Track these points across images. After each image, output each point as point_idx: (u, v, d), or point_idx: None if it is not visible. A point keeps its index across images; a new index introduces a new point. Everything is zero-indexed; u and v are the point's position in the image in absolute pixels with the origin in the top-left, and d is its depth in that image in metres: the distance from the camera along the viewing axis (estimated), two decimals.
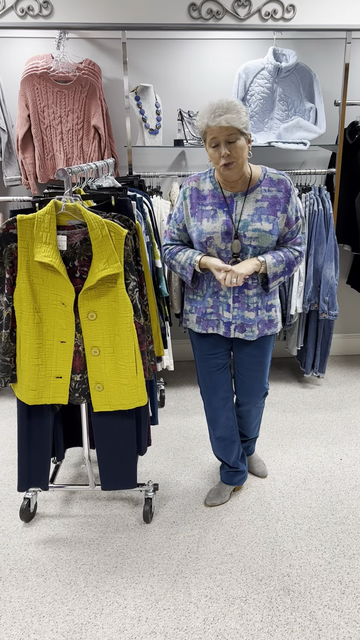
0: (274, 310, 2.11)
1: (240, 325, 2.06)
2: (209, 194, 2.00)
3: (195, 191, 2.03)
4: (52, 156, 3.24)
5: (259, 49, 3.35)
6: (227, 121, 1.79)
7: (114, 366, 1.95)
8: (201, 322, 2.11)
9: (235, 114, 1.81)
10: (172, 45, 3.33)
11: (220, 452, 2.35)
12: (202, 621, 1.80)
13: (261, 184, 1.97)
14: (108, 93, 3.36)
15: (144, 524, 2.27)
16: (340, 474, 2.59)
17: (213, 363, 2.17)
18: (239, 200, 1.96)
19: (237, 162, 1.87)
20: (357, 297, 3.97)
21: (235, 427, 2.30)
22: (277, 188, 1.96)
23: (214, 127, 1.82)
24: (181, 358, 4.02)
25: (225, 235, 1.95)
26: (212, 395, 2.22)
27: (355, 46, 3.39)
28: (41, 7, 2.92)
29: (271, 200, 1.95)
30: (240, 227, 1.94)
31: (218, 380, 2.19)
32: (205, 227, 1.97)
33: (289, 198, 1.97)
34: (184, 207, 2.05)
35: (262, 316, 2.07)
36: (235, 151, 1.85)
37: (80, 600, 1.89)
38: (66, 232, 1.87)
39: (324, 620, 1.79)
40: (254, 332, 2.07)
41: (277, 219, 1.96)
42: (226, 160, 1.85)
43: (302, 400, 3.38)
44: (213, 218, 1.97)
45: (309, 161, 3.61)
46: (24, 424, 2.07)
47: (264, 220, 1.94)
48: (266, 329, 2.10)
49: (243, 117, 1.83)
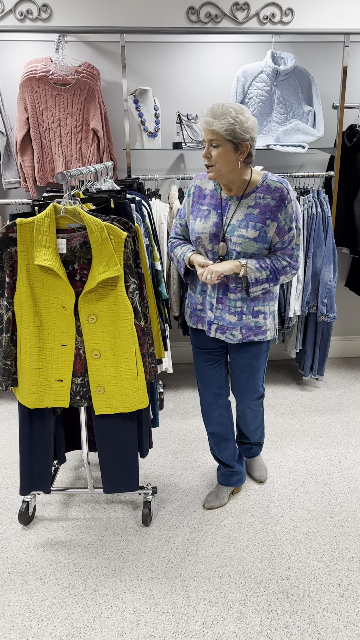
0: (262, 317, 2.08)
1: (222, 327, 2.08)
2: (209, 194, 2.05)
3: (198, 189, 2.08)
4: (51, 159, 3.24)
5: (258, 53, 3.36)
6: (206, 123, 1.83)
7: (115, 369, 1.95)
8: (192, 317, 2.18)
9: (220, 119, 1.80)
10: (170, 49, 3.34)
11: (213, 446, 2.36)
12: (201, 625, 1.80)
13: (257, 191, 1.96)
14: (107, 96, 3.37)
15: (143, 527, 2.26)
16: (339, 477, 2.59)
17: (206, 357, 2.22)
18: (232, 205, 1.98)
19: (215, 167, 1.88)
20: (356, 300, 3.98)
21: (229, 426, 2.31)
22: (271, 196, 1.94)
23: (203, 126, 1.86)
24: (180, 361, 4.02)
25: (213, 237, 1.99)
26: (205, 390, 2.26)
27: (354, 49, 3.40)
28: (40, 10, 2.93)
29: (263, 207, 1.94)
30: (228, 230, 1.97)
31: (210, 375, 2.23)
32: (196, 226, 2.03)
33: (283, 207, 1.93)
34: (187, 203, 2.11)
35: (247, 321, 2.06)
36: (215, 156, 1.86)
37: (79, 604, 1.89)
38: (66, 236, 1.87)
39: (323, 624, 1.79)
40: (234, 336, 2.07)
41: (266, 227, 1.94)
42: (206, 162, 1.89)
43: (300, 402, 3.39)
44: (205, 218, 2.01)
45: (308, 164, 3.62)
46: (25, 427, 2.07)
47: (250, 228, 1.94)
48: (252, 335, 2.08)
49: (227, 124, 1.79)
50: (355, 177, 3.34)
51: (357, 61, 3.44)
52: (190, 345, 3.97)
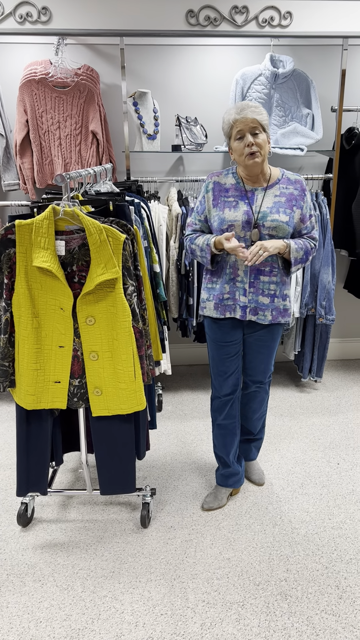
0: (288, 300, 2.23)
1: (254, 308, 2.17)
2: (231, 187, 2.14)
3: (217, 185, 2.16)
4: (51, 161, 3.25)
5: (257, 55, 3.37)
6: (252, 114, 1.99)
7: (113, 371, 1.95)
8: (219, 308, 2.21)
9: (258, 110, 2.01)
10: (170, 52, 3.35)
11: (219, 443, 2.38)
12: (199, 626, 1.80)
13: (280, 182, 2.14)
14: (106, 98, 3.37)
15: (142, 529, 2.27)
16: (338, 479, 2.59)
17: (226, 351, 2.27)
18: (259, 194, 2.11)
19: (260, 152, 2.02)
20: (354, 302, 3.99)
21: (237, 419, 2.37)
22: (294, 186, 2.14)
23: (240, 119, 1.99)
24: (179, 362, 4.02)
25: (245, 224, 2.08)
26: (223, 382, 2.31)
27: (352, 53, 3.42)
28: (40, 13, 2.93)
29: (288, 196, 2.12)
30: (259, 217, 2.08)
31: (230, 367, 2.29)
32: (227, 215, 2.10)
33: (304, 196, 2.14)
34: (205, 199, 2.18)
35: (277, 304, 2.18)
36: (258, 142, 2.01)
37: (78, 606, 1.89)
38: (64, 237, 1.87)
39: (321, 625, 1.79)
40: (266, 317, 2.18)
41: (293, 213, 2.11)
42: (251, 150, 2.00)
43: (299, 404, 3.39)
44: (235, 208, 2.09)
45: (306, 167, 3.63)
46: (22, 428, 2.07)
47: (281, 213, 2.09)
48: (280, 317, 2.21)
49: (264, 116, 2.03)
50: (353, 179, 3.35)
51: (356, 64, 3.45)
52: (188, 347, 3.97)
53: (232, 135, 2.04)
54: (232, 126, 2.02)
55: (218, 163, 3.57)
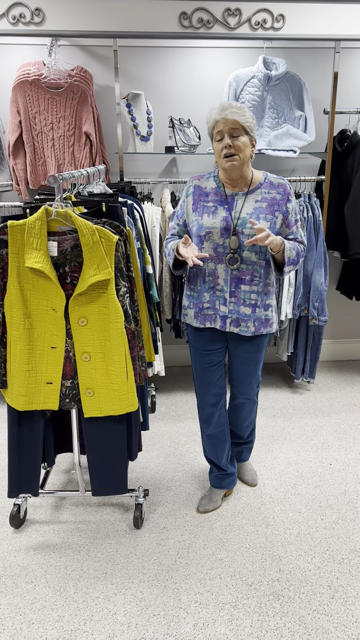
0: (270, 310, 2.16)
1: (236, 319, 2.11)
2: (211, 191, 2.08)
3: (197, 189, 2.11)
4: (44, 162, 3.24)
5: (249, 58, 3.39)
6: (232, 115, 1.92)
7: (105, 372, 1.95)
8: (199, 317, 2.17)
9: (240, 111, 1.94)
10: (163, 53, 3.36)
11: (210, 452, 2.36)
12: (192, 627, 1.80)
13: (261, 187, 2.06)
14: (99, 100, 3.38)
15: (134, 530, 2.26)
16: (330, 479, 2.60)
17: (208, 360, 2.22)
18: (239, 199, 2.05)
19: (238, 156, 1.95)
20: (347, 303, 4.01)
21: (226, 426, 2.33)
22: (276, 190, 2.06)
23: (221, 119, 1.93)
24: (172, 364, 4.02)
25: (224, 230, 2.02)
26: (206, 392, 2.26)
27: (344, 55, 3.44)
28: (33, 14, 2.93)
29: (270, 201, 2.05)
30: (238, 224, 2.02)
31: (212, 377, 2.24)
32: (205, 221, 2.04)
33: (288, 201, 2.07)
34: (185, 203, 2.13)
35: (259, 314, 2.12)
36: (237, 145, 1.94)
37: (70, 607, 1.88)
38: (57, 238, 1.87)
39: (313, 625, 1.80)
40: (249, 328, 2.12)
41: (275, 218, 2.04)
42: (228, 151, 1.94)
43: (292, 405, 3.40)
44: (213, 214, 2.04)
45: (299, 168, 3.64)
46: (14, 429, 2.07)
47: (261, 219, 2.02)
48: (262, 328, 2.15)
49: (248, 117, 1.95)
50: (346, 181, 3.36)
51: (348, 67, 3.47)
52: (182, 348, 3.97)
53: (213, 136, 1.99)
54: (213, 126, 1.98)
55: (211, 165, 3.58)
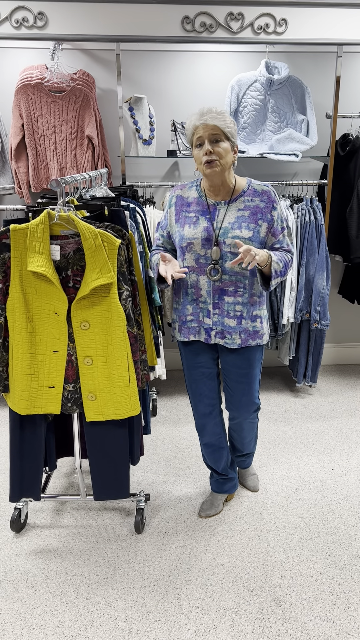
0: (259, 321, 2.10)
1: (221, 331, 2.07)
2: (193, 201, 2.04)
3: (180, 199, 2.07)
4: (46, 165, 3.25)
5: (252, 62, 3.39)
6: (212, 120, 1.86)
7: (107, 376, 1.95)
8: (182, 330, 2.13)
9: (221, 117, 1.88)
10: (165, 57, 3.37)
11: (209, 459, 2.35)
12: (193, 633, 1.79)
13: (244, 194, 2.00)
14: (102, 103, 3.38)
15: (136, 535, 2.26)
16: (332, 484, 2.59)
17: (198, 372, 2.19)
18: (221, 209, 2.00)
19: (219, 162, 1.89)
20: (349, 307, 4.00)
21: (222, 434, 2.31)
22: (260, 198, 1.99)
23: (199, 125, 1.88)
24: (174, 367, 4.02)
25: (205, 241, 1.98)
26: (198, 402, 2.24)
27: (347, 60, 3.44)
28: (36, 18, 2.94)
29: (253, 209, 1.98)
30: (220, 234, 1.97)
31: (203, 389, 2.21)
32: (186, 232, 2.00)
33: (272, 208, 2.00)
34: (169, 214, 2.10)
35: (245, 326, 2.06)
36: (218, 151, 1.89)
37: (71, 612, 1.87)
38: (59, 242, 1.87)
39: (315, 632, 1.79)
40: (234, 340, 2.07)
41: (259, 227, 1.98)
42: (208, 157, 1.88)
43: (294, 409, 3.39)
44: (195, 224, 2.00)
45: (301, 172, 3.64)
46: (16, 434, 2.06)
47: (244, 228, 1.96)
48: (250, 340, 2.09)
49: (228, 123, 1.89)
50: (348, 185, 3.36)
51: (350, 71, 3.48)
52: None
53: (193, 143, 1.93)
54: (193, 133, 1.92)
55: None
